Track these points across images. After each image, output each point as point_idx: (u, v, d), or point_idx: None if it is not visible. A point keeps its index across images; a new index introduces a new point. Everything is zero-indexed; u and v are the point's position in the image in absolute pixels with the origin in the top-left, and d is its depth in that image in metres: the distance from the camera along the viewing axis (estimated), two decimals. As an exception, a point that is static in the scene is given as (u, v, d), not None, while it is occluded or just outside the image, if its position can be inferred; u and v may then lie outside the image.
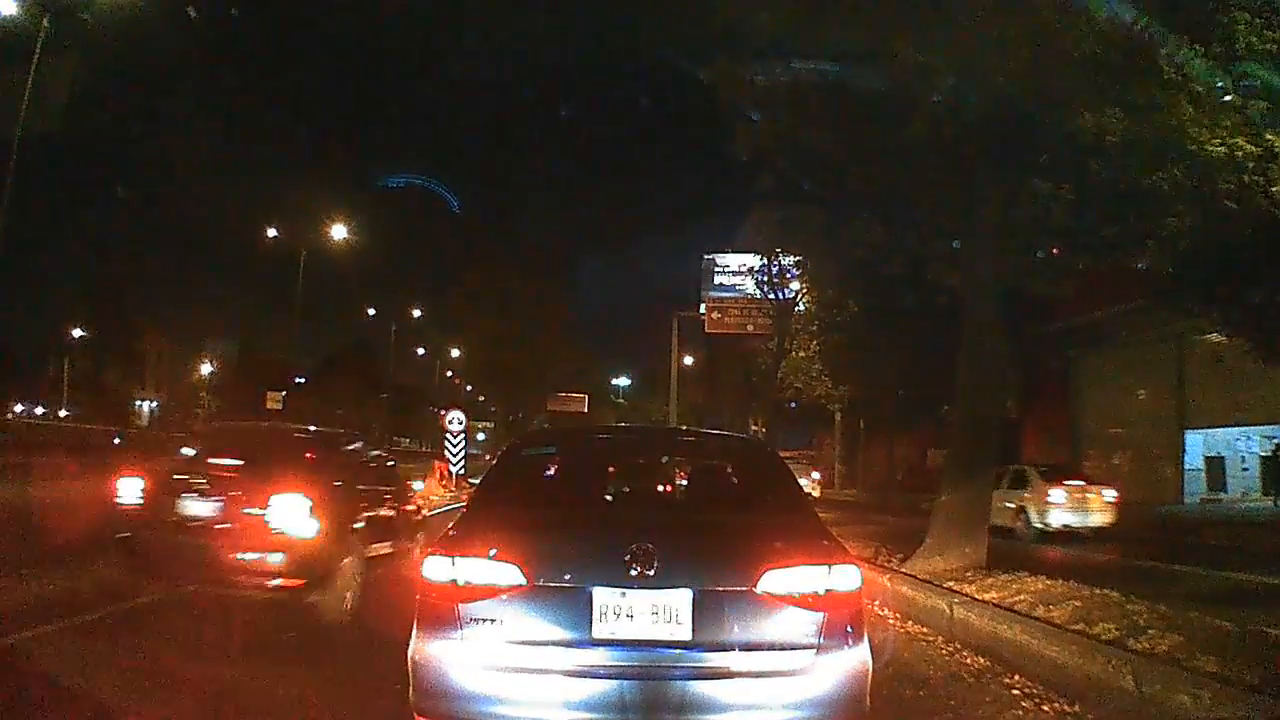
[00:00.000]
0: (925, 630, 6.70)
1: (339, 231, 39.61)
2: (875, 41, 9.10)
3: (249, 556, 6.26)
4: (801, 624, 3.32)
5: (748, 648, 3.28)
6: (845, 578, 3.43)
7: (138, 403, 76.44)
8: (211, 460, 6.94)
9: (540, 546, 3.45)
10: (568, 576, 3.35)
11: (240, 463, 6.87)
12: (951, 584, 7.46)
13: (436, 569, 3.42)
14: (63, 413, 61.04)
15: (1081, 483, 17.22)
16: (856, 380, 32.01)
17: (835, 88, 10.48)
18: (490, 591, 3.32)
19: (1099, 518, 16.22)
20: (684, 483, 5.95)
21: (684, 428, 25.80)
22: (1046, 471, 17.58)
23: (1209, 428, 25.85)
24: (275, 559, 6.24)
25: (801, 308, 31.80)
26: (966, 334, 9.38)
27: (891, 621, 7.19)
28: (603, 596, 3.29)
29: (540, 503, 4.20)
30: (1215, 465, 26.58)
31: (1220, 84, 8.54)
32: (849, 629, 3.40)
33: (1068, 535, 15.83)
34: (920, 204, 10.63)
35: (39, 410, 62.05)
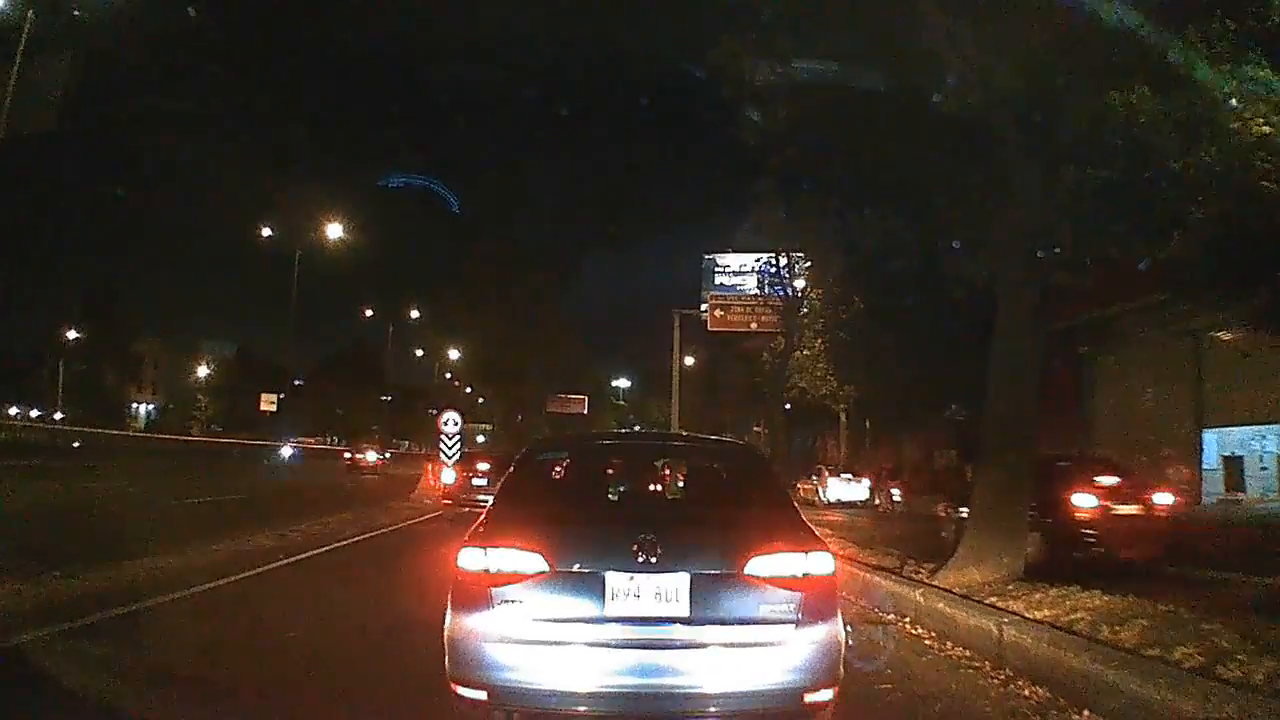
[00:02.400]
0: (969, 654, 5.92)
1: (338, 232, 39.08)
2: (898, 9, 8.42)
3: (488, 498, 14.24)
4: (782, 602, 3.80)
5: (737, 622, 3.76)
6: (820, 563, 3.93)
7: (134, 405, 75.79)
8: (478, 465, 18.51)
9: (560, 538, 3.91)
10: (584, 563, 3.82)
11: (489, 465, 18.05)
12: (994, 600, 6.70)
13: (471, 559, 3.91)
14: (58, 415, 60.27)
15: (849, 475, 30.02)
16: (863, 379, 31.26)
17: (848, 70, 9.82)
18: (517, 577, 3.80)
19: (860, 494, 28.99)
20: (681, 482, 6.80)
21: (683, 433, 25.38)
22: (833, 468, 30.96)
23: (1227, 426, 25.11)
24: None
25: (806, 307, 31.04)
26: (998, 329, 8.65)
27: (928, 643, 6.41)
28: (614, 580, 3.77)
29: (557, 500, 4.78)
30: (1233, 465, 25.83)
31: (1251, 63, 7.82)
32: (824, 607, 3.90)
33: (844, 504, 27.39)
34: (941, 189, 9.88)
35: (34, 413, 61.27)
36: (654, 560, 3.77)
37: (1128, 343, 27.05)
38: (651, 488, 6.31)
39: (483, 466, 18.34)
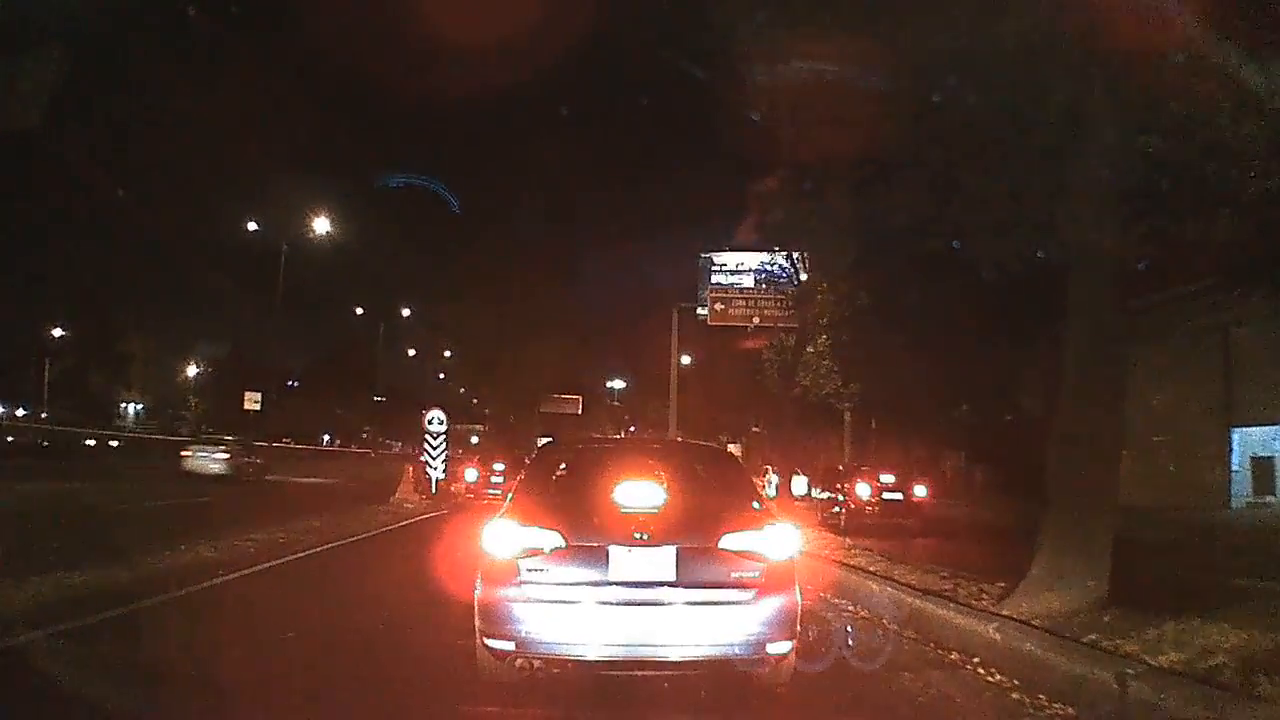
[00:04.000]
0: (1078, 715, 4.48)
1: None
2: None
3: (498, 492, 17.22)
4: (749, 570, 4.70)
5: (712, 586, 4.67)
6: (779, 540, 4.83)
7: (123, 405, 74.36)
8: (494, 464, 23.88)
9: (574, 520, 4.84)
10: (593, 540, 4.74)
11: (504, 465, 23.11)
12: (1094, 636, 5.29)
13: (501, 536, 4.82)
14: (43, 414, 58.81)
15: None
16: (869, 377, 29.93)
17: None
18: (539, 551, 4.72)
19: (799, 489, 27.44)
20: (669, 478, 6.72)
21: (676, 439, 25.90)
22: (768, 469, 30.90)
23: (1256, 425, 23.77)
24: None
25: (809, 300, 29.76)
26: (1072, 315, 7.32)
27: (1017, 696, 4.91)
28: (616, 553, 4.69)
29: (569, 491, 5.62)
30: (1262, 466, 24.48)
31: None
32: (782, 575, 4.78)
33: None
34: (991, 148, 8.44)
35: (20, 412, 59.85)
36: (647, 537, 4.65)
37: (1149, 337, 25.73)
38: (646, 481, 6.49)
39: (499, 466, 22.43)
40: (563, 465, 6.18)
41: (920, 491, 19.99)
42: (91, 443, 42.48)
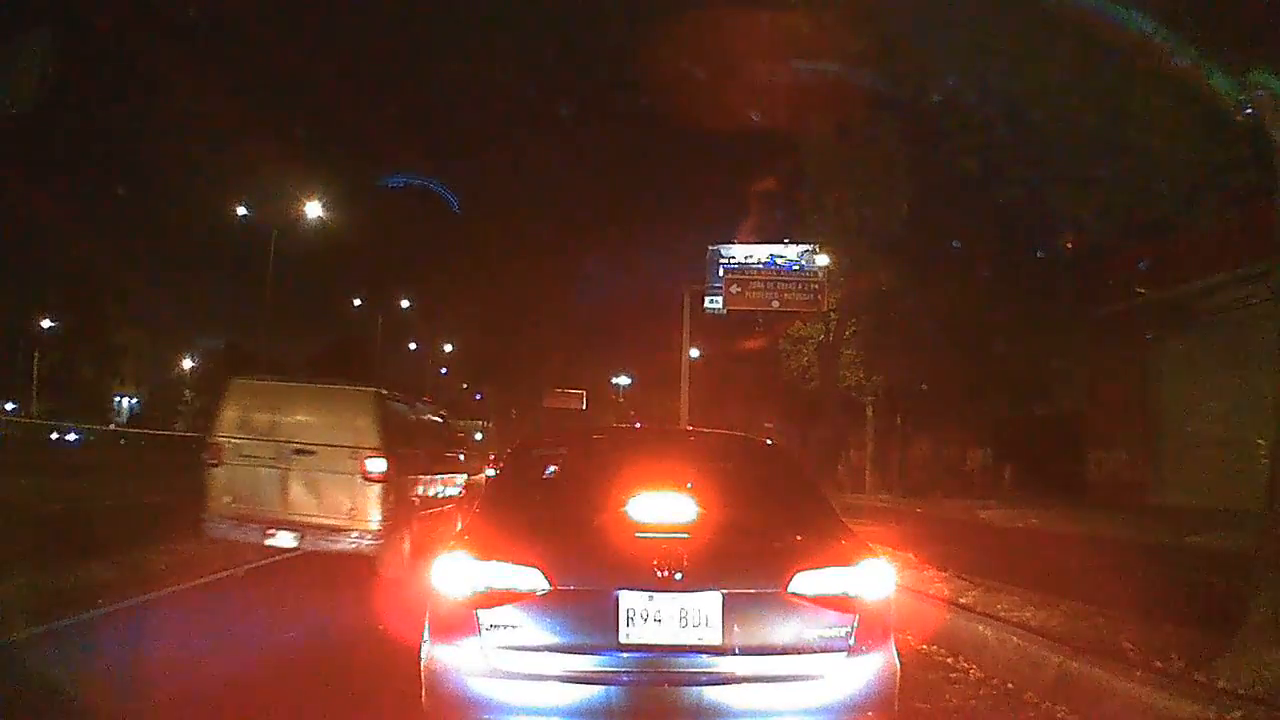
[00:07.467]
0: None
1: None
2: None
3: None
4: (833, 626, 3.30)
5: (779, 651, 3.26)
6: (875, 578, 3.42)
7: (116, 398, 73.33)
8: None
9: (563, 550, 3.41)
10: (593, 580, 3.32)
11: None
12: None
13: (451, 575, 3.39)
14: (32, 409, 57.44)
15: None
16: (893, 367, 28.24)
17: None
18: (511, 597, 3.28)
19: None
20: (700, 484, 5.21)
21: (690, 428, 24.08)
22: None
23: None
24: None
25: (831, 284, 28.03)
26: None
27: None
28: (630, 601, 3.25)
29: (558, 506, 4.14)
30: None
31: None
32: (878, 630, 3.39)
33: None
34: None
35: (9, 406, 58.48)
36: (679, 577, 3.25)
37: (1203, 325, 23.73)
38: (669, 490, 4.75)
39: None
40: (554, 466, 4.73)
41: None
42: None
